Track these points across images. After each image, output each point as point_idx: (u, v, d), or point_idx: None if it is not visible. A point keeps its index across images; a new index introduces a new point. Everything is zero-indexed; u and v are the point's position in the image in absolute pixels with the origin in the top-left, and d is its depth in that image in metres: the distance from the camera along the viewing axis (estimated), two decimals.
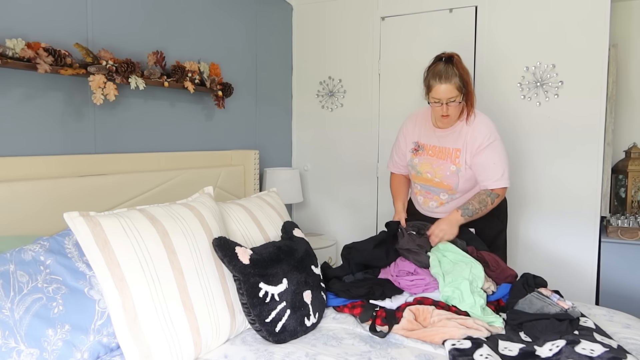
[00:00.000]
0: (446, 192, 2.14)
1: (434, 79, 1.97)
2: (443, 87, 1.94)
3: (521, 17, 2.72)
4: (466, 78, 1.97)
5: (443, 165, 2.10)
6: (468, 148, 2.05)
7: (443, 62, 1.98)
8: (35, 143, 1.82)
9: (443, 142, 2.12)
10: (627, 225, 2.58)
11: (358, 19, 3.18)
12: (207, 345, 1.46)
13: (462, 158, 2.06)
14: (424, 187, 2.21)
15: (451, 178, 2.09)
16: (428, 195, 2.21)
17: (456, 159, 2.07)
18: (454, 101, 1.97)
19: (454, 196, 2.14)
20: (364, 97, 3.21)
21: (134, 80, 2.02)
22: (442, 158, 2.11)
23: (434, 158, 2.13)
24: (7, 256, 1.34)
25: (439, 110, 2.01)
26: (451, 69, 1.95)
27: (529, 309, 1.68)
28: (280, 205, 2.16)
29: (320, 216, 3.46)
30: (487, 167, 2.03)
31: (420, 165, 2.17)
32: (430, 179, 2.15)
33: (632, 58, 2.95)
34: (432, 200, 2.20)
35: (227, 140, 2.82)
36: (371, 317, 1.67)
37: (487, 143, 2.03)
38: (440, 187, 2.14)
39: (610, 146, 2.82)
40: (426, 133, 2.18)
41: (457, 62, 1.97)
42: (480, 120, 2.07)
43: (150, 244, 1.41)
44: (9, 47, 1.62)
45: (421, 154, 2.17)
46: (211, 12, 2.64)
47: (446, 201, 2.17)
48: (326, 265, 2.04)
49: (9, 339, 1.21)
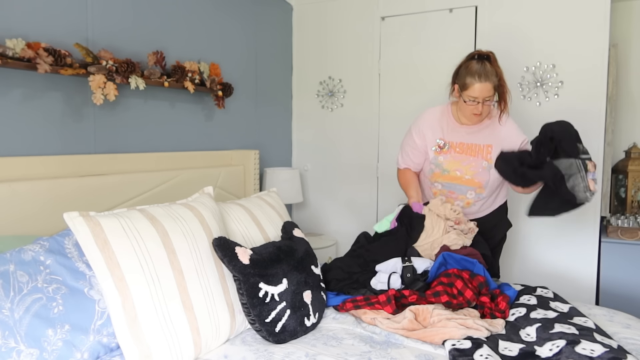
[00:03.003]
0: (474, 191, 2.10)
1: (473, 77, 1.94)
2: (482, 86, 1.93)
3: (521, 17, 2.72)
4: (502, 77, 1.98)
5: (474, 162, 2.07)
6: (503, 145, 2.05)
7: (479, 60, 1.97)
8: (35, 143, 1.82)
9: (471, 138, 2.09)
10: (627, 225, 2.58)
11: (358, 19, 3.18)
12: (207, 345, 1.45)
13: (493, 154, 2.04)
14: (449, 186, 2.14)
15: (483, 175, 2.07)
16: (452, 195, 2.15)
17: (488, 155, 2.06)
18: (489, 100, 1.96)
19: (482, 195, 2.11)
20: (364, 97, 3.21)
21: (134, 80, 2.02)
22: (472, 155, 2.07)
23: (463, 155, 2.09)
24: (7, 256, 1.34)
25: (473, 108, 1.98)
26: (490, 67, 1.95)
27: (561, 167, 1.72)
28: (280, 205, 2.16)
29: (320, 216, 3.46)
30: None
31: (447, 163, 2.12)
32: (459, 177, 2.10)
33: (632, 58, 2.95)
34: (457, 200, 2.14)
35: (227, 140, 2.81)
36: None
37: (525, 143, 2.07)
38: (470, 185, 2.10)
39: (610, 146, 2.82)
40: (451, 130, 2.12)
41: (494, 61, 1.98)
42: (511, 120, 2.11)
43: (150, 244, 1.41)
44: (9, 47, 1.62)
45: (447, 152, 2.11)
46: (211, 12, 2.64)
47: (473, 201, 2.12)
48: (326, 267, 2.04)
49: (9, 339, 1.21)
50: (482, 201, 2.13)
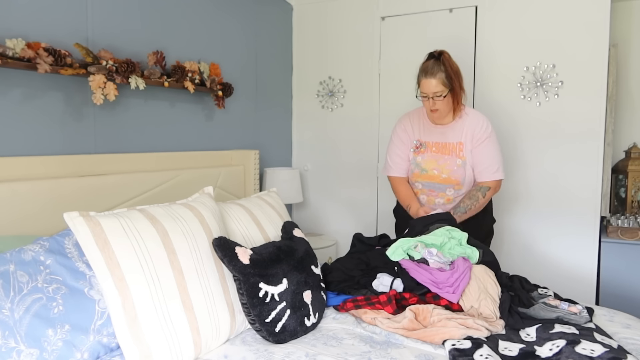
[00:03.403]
0: (452, 188, 2.17)
1: (422, 74, 2.06)
2: (427, 82, 2.03)
3: (521, 17, 2.72)
4: (452, 74, 2.03)
5: (449, 160, 2.13)
6: (468, 140, 2.11)
7: (429, 59, 2.07)
8: (35, 143, 1.82)
9: (444, 137, 2.16)
10: (627, 225, 2.58)
11: (358, 19, 3.18)
12: (207, 345, 1.45)
13: (465, 151, 2.12)
14: (428, 185, 2.22)
15: (458, 172, 2.13)
16: (432, 193, 2.23)
17: (460, 152, 2.12)
18: (439, 96, 2.03)
19: (460, 191, 2.18)
20: (364, 97, 3.21)
21: (134, 80, 2.02)
22: (446, 153, 2.15)
23: (439, 154, 2.16)
24: (7, 256, 1.34)
25: (427, 104, 2.09)
26: (438, 64, 2.03)
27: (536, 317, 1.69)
28: (280, 205, 2.16)
29: (320, 216, 3.45)
30: (484, 160, 2.11)
31: (425, 163, 2.19)
32: (436, 176, 2.17)
33: (632, 58, 2.95)
34: (437, 198, 2.22)
35: (227, 140, 2.81)
36: None
37: (485, 136, 2.10)
38: (447, 183, 2.16)
39: (610, 146, 2.82)
40: (426, 130, 2.21)
41: (444, 58, 2.04)
42: (475, 114, 2.15)
43: (150, 244, 1.41)
44: (9, 47, 1.62)
45: (424, 152, 2.20)
46: (211, 12, 2.64)
47: (453, 197, 2.20)
48: (326, 267, 2.04)
49: (9, 339, 1.21)
50: (461, 197, 2.20)
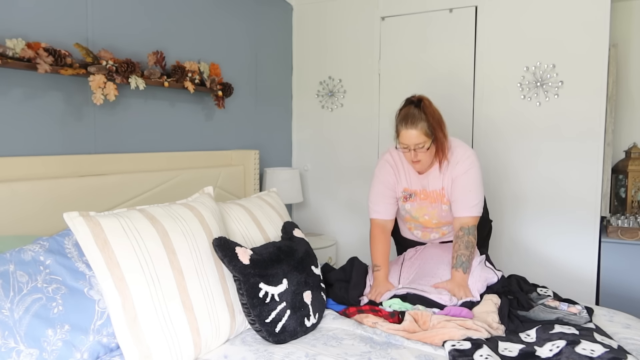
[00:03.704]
0: (445, 226, 2.14)
1: (400, 123, 1.88)
2: (408, 133, 1.85)
3: (521, 17, 2.72)
4: (434, 122, 1.87)
5: (436, 208, 2.06)
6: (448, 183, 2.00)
7: (409, 105, 1.90)
8: (35, 143, 1.82)
9: (429, 184, 2.05)
10: (627, 225, 2.58)
11: (358, 19, 3.18)
12: (207, 345, 1.45)
13: (447, 195, 2.02)
14: (421, 228, 2.17)
15: (447, 216, 2.07)
16: (426, 230, 2.17)
17: (444, 198, 2.03)
18: (422, 147, 1.87)
19: (451, 226, 2.12)
20: (364, 97, 3.21)
21: (134, 80, 2.02)
22: (434, 202, 2.05)
23: (427, 201, 2.06)
24: (6, 256, 1.34)
25: (408, 156, 1.93)
26: (418, 112, 1.86)
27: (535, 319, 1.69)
28: (280, 205, 2.16)
29: (320, 216, 3.45)
30: (462, 195, 1.96)
31: (416, 211, 2.10)
32: (428, 221, 2.10)
33: (632, 58, 2.95)
34: (432, 233, 2.16)
35: (227, 140, 2.81)
36: None
37: (464, 170, 1.96)
38: (439, 226, 2.13)
39: (610, 146, 2.82)
40: (412, 177, 2.07)
41: (425, 105, 1.88)
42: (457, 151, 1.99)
43: (150, 244, 1.41)
44: (9, 47, 1.62)
45: (413, 200, 2.08)
46: (211, 12, 2.64)
47: (448, 232, 2.16)
48: (327, 268, 2.04)
49: (9, 339, 1.21)
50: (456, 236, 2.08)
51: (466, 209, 1.97)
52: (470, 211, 1.96)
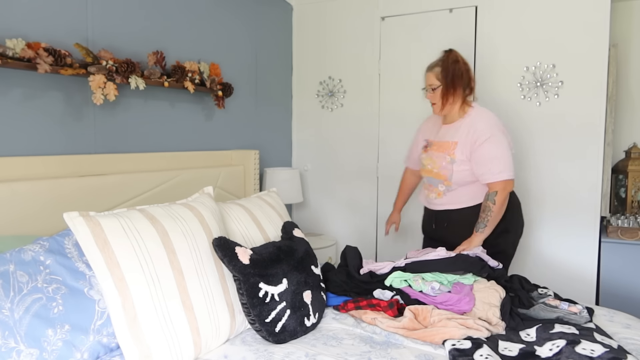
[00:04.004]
0: (442, 183, 2.22)
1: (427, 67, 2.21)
2: (427, 74, 2.19)
3: (521, 17, 2.72)
4: (450, 70, 2.12)
5: (440, 157, 2.19)
6: (467, 141, 2.11)
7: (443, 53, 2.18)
8: (35, 143, 1.82)
9: (444, 137, 2.22)
10: (627, 225, 2.58)
11: (358, 19, 3.18)
12: (207, 345, 1.45)
13: (458, 150, 2.13)
14: (427, 180, 2.31)
15: (446, 168, 2.17)
16: (430, 188, 2.30)
17: (452, 150, 2.15)
18: (434, 89, 2.16)
19: (450, 187, 2.20)
20: (364, 97, 3.21)
21: (134, 80, 2.02)
22: (440, 151, 2.20)
23: (435, 152, 2.23)
24: (7, 256, 1.34)
25: (429, 96, 2.21)
26: (439, 60, 2.16)
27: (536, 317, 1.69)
28: (280, 205, 2.16)
29: (320, 216, 3.45)
30: (485, 162, 2.08)
31: (425, 159, 2.29)
32: (430, 170, 2.25)
33: (632, 58, 2.95)
34: (432, 192, 2.28)
35: (227, 140, 2.81)
36: None
37: (485, 137, 2.08)
38: (438, 178, 2.22)
39: (610, 146, 2.82)
40: (436, 130, 2.31)
41: (448, 56, 2.15)
42: (478, 115, 2.16)
43: (150, 244, 1.41)
44: (9, 47, 1.62)
45: (428, 150, 2.28)
46: (211, 12, 2.64)
47: (443, 193, 2.24)
48: (327, 268, 2.04)
49: (9, 339, 1.21)
50: (451, 194, 2.22)
51: (491, 175, 2.08)
52: (495, 177, 2.08)
